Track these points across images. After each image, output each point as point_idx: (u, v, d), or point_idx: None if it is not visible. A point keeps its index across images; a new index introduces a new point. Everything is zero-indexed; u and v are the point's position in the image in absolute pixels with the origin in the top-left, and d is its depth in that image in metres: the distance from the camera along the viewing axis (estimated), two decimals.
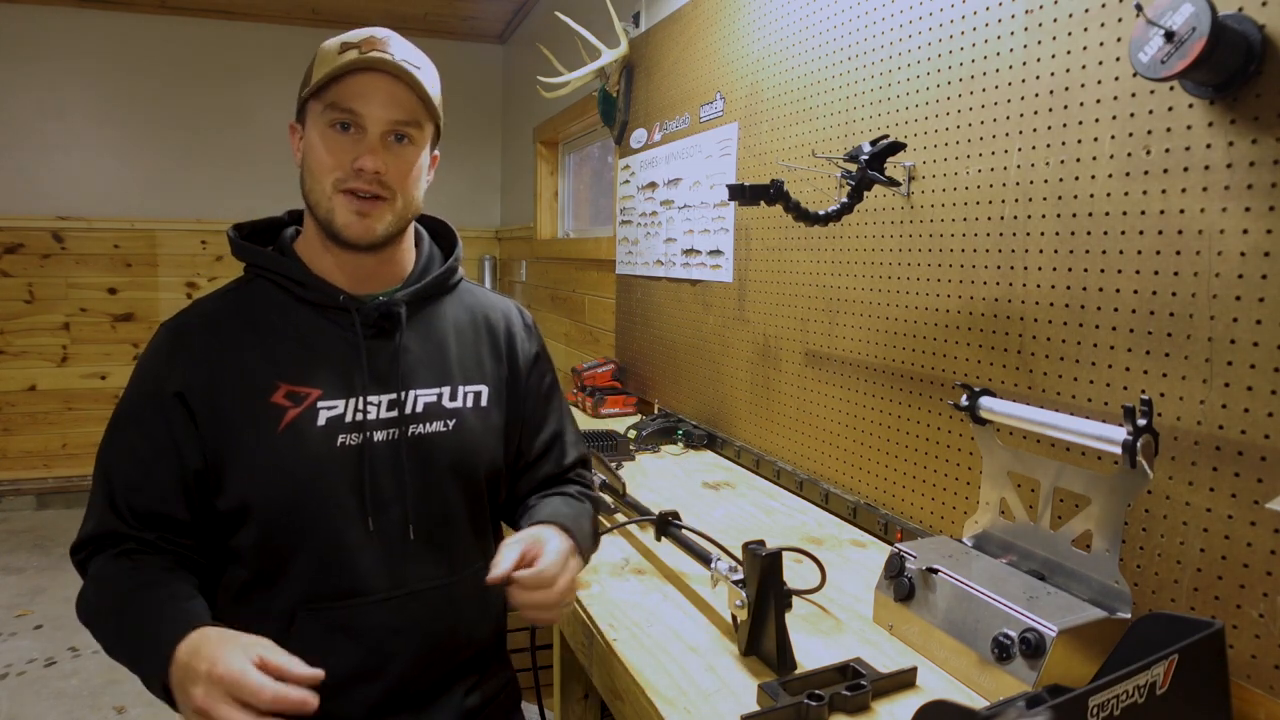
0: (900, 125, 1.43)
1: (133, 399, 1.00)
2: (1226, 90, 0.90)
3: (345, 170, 0.97)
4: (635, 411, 2.63)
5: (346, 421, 0.99)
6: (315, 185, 0.99)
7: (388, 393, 1.02)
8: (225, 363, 0.98)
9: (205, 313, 1.03)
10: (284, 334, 1.01)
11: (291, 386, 0.98)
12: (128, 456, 0.98)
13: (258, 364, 0.99)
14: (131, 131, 4.53)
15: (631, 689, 1.00)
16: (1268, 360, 0.88)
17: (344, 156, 0.97)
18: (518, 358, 1.17)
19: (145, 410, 0.98)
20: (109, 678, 2.77)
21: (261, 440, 0.96)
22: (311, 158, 0.99)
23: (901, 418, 1.45)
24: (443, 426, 1.06)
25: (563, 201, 4.18)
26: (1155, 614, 0.78)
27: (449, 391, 1.07)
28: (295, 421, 0.97)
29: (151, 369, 1.00)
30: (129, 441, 0.99)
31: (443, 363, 1.08)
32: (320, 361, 1.00)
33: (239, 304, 1.03)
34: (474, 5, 4.39)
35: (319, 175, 0.98)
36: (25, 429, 4.55)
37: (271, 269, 1.03)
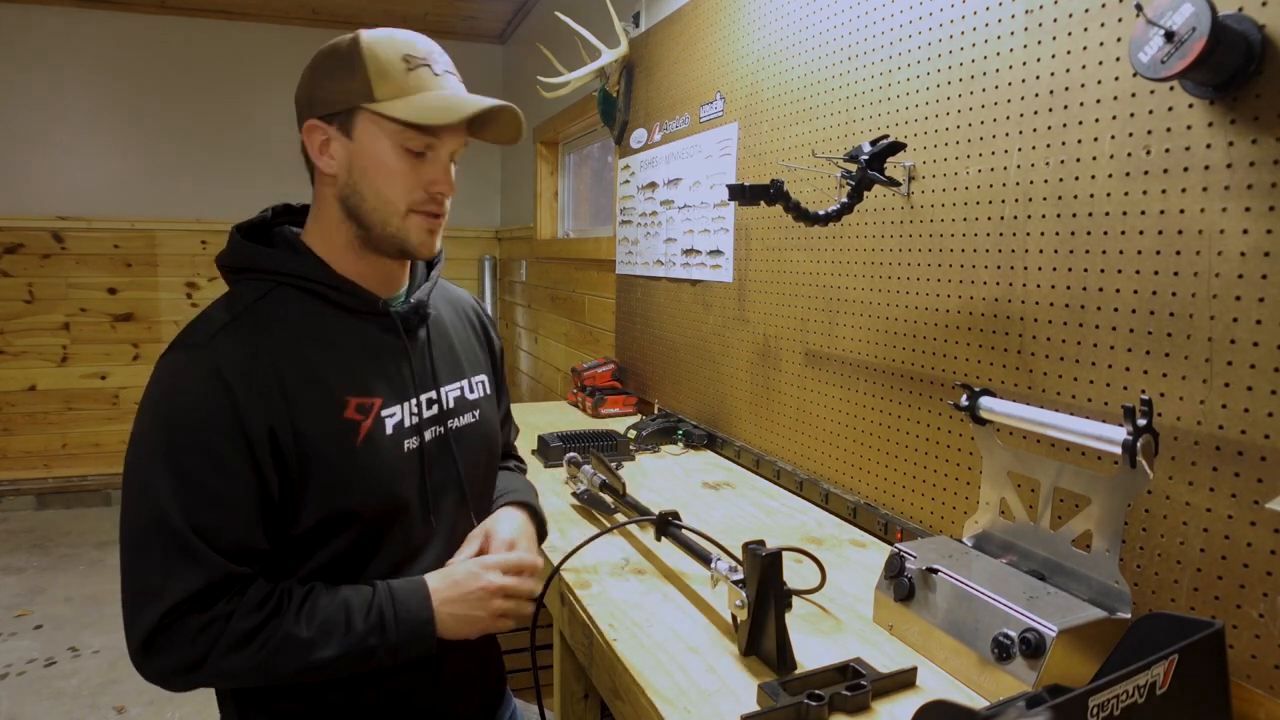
0: (900, 125, 1.43)
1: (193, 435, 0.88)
2: (1226, 90, 0.90)
3: (419, 193, 0.96)
4: (635, 411, 2.63)
5: (406, 426, 1.01)
6: (383, 204, 0.96)
7: (428, 392, 1.05)
8: (295, 384, 0.92)
9: (251, 331, 0.93)
10: (334, 344, 0.97)
11: (358, 399, 0.96)
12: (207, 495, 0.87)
13: (324, 380, 0.94)
14: (131, 131, 4.54)
15: (631, 689, 1.00)
16: (1268, 360, 0.88)
17: (419, 179, 0.96)
18: (494, 345, 1.24)
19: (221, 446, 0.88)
20: (109, 677, 2.77)
21: (345, 458, 0.94)
22: (379, 175, 0.95)
23: (901, 418, 1.45)
24: (471, 418, 1.11)
25: (563, 201, 4.18)
26: (1155, 614, 0.78)
27: (467, 384, 1.12)
28: (370, 434, 0.96)
29: (212, 402, 0.88)
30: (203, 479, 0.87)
31: (456, 357, 1.12)
32: (371, 368, 0.99)
33: (277, 317, 0.95)
34: (474, 5, 4.39)
35: (391, 195, 0.96)
36: (25, 429, 4.55)
37: (299, 274, 0.97)
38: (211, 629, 0.87)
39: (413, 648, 0.94)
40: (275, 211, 1.07)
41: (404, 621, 0.93)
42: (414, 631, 0.94)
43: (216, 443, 0.88)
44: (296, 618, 0.90)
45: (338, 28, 4.73)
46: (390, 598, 0.94)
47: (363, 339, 1.00)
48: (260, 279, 0.98)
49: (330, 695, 0.99)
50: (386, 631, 0.92)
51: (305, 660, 0.89)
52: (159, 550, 0.86)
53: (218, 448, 0.88)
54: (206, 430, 0.88)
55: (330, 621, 0.91)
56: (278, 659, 0.88)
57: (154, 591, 0.86)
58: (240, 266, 0.99)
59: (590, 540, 1.22)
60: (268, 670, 0.89)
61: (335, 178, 0.97)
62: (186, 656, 0.87)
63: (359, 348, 0.99)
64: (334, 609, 0.91)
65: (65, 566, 3.73)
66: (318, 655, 0.89)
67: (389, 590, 0.95)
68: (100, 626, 3.14)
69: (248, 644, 0.87)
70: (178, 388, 0.89)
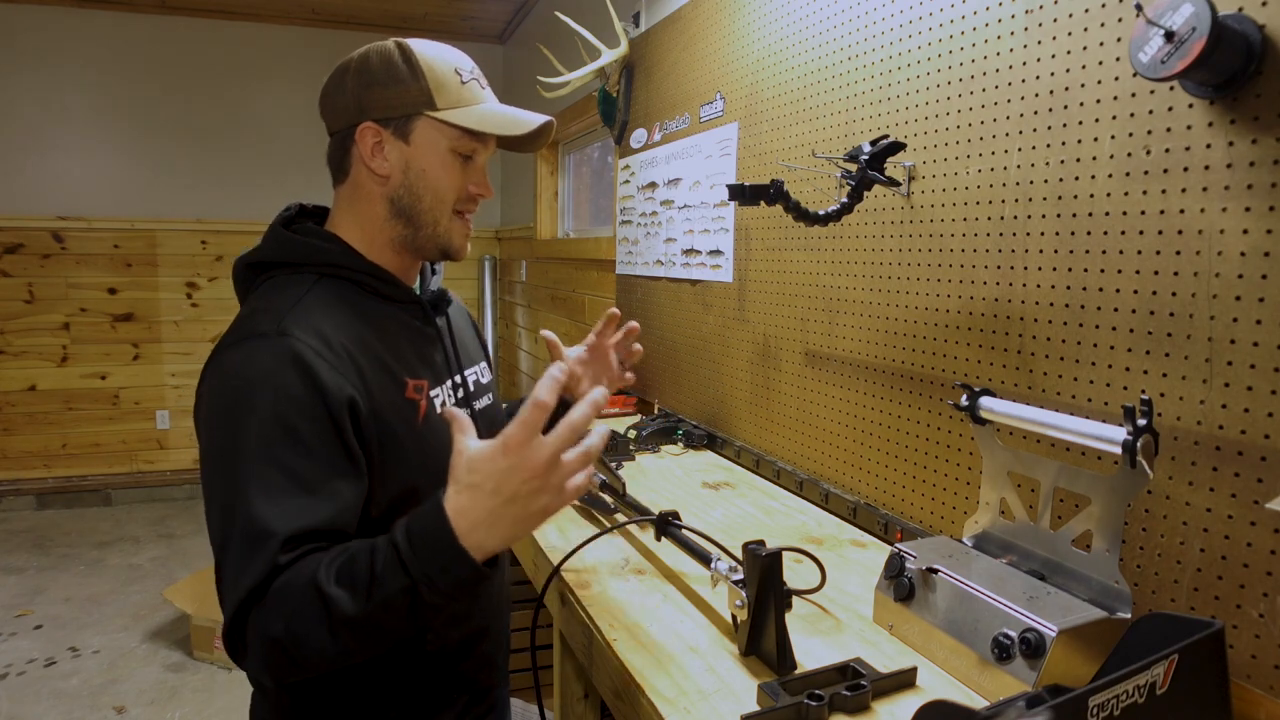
0: (900, 125, 1.43)
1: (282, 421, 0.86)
2: (1226, 90, 0.90)
3: (463, 194, 1.05)
4: (635, 411, 2.63)
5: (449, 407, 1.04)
6: (436, 204, 1.03)
7: (455, 375, 1.13)
8: (365, 363, 0.95)
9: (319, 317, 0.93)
10: (385, 330, 1.03)
11: (414, 380, 1.02)
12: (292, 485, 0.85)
13: (385, 361, 0.99)
14: (131, 131, 4.54)
15: (631, 689, 1.00)
16: (1268, 360, 0.88)
17: (464, 181, 1.04)
18: (482, 336, 1.32)
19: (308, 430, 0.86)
20: (109, 677, 2.77)
21: (410, 436, 0.98)
22: (432, 177, 1.02)
23: (901, 418, 1.45)
24: (489, 400, 1.20)
25: (563, 201, 4.18)
26: (1155, 614, 0.78)
27: (479, 370, 1.21)
28: (427, 413, 1.02)
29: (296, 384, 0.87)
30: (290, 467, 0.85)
31: (468, 345, 1.21)
32: (415, 352, 1.05)
33: (333, 304, 0.97)
34: (474, 5, 4.39)
35: (442, 196, 1.03)
36: (25, 429, 4.55)
37: (349, 266, 1.02)
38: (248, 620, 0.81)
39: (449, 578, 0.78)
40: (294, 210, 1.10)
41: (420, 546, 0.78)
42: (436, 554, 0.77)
43: (300, 425, 0.86)
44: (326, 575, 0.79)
45: (338, 28, 4.73)
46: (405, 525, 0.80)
47: (404, 325, 1.06)
48: (300, 272, 1.00)
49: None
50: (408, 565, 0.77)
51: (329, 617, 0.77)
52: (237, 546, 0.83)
53: (301, 430, 0.86)
54: (293, 414, 0.86)
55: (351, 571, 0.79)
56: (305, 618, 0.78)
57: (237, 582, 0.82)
58: (277, 262, 1.01)
59: (590, 540, 1.22)
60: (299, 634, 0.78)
61: (387, 179, 1.02)
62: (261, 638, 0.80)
63: (404, 333, 1.05)
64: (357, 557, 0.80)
65: (65, 566, 3.73)
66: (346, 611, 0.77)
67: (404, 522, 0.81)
68: (100, 626, 3.14)
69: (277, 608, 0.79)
70: (261, 377, 0.87)
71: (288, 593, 0.80)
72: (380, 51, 1.01)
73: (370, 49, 1.01)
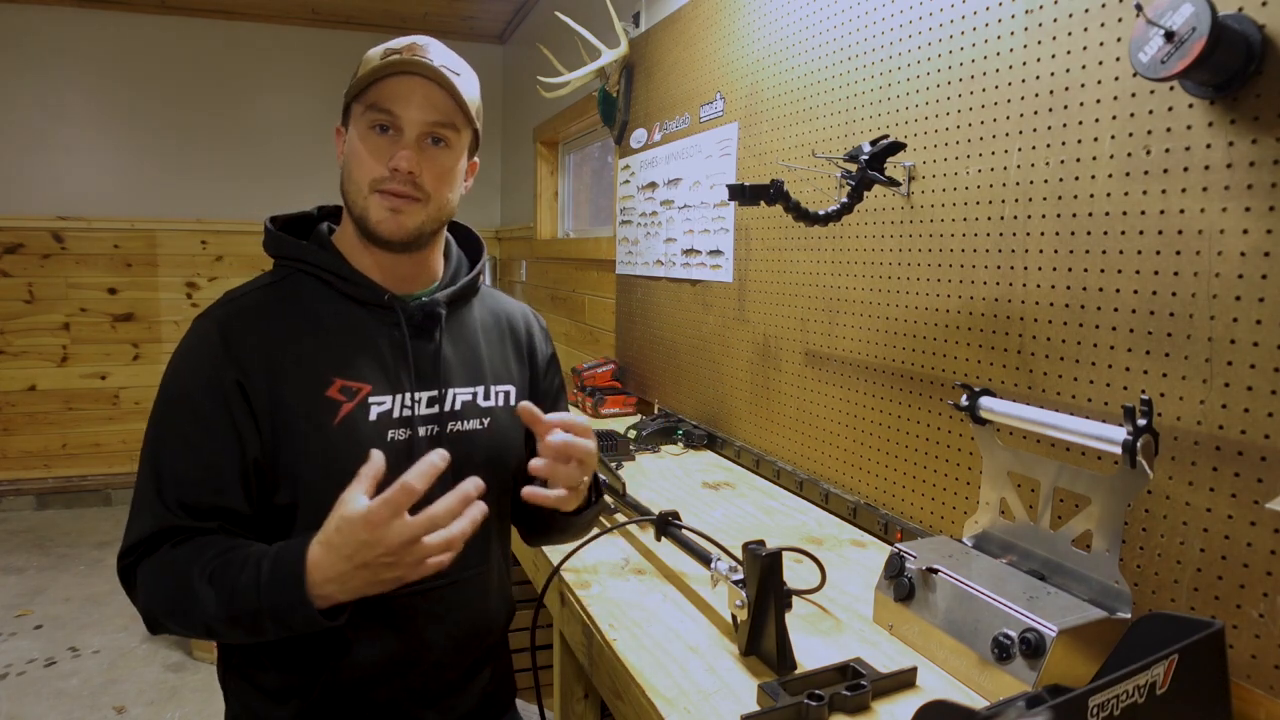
0: (900, 125, 1.43)
1: (182, 390, 0.96)
2: (1226, 90, 0.90)
3: (382, 170, 0.99)
4: (635, 411, 2.63)
5: (394, 417, 1.02)
6: (352, 184, 1.01)
7: (429, 390, 1.06)
8: (282, 354, 0.98)
9: (253, 304, 1.01)
10: (332, 327, 1.02)
11: (344, 381, 1.00)
12: (183, 449, 0.94)
13: (312, 356, 0.99)
14: (131, 131, 4.54)
15: (631, 689, 1.00)
16: (1268, 360, 0.88)
17: (381, 157, 0.99)
18: (538, 359, 1.22)
19: (201, 400, 0.95)
20: (109, 677, 2.77)
21: (318, 433, 0.97)
22: (351, 158, 1.01)
23: (901, 418, 1.45)
24: (479, 425, 1.10)
25: (563, 201, 4.18)
26: (1155, 614, 0.78)
27: (483, 391, 1.12)
28: (350, 415, 0.99)
29: (202, 359, 0.96)
30: (183, 434, 0.95)
31: (476, 363, 1.12)
32: (367, 357, 1.03)
33: (284, 296, 1.03)
34: (474, 5, 4.39)
35: (357, 175, 1.00)
36: (25, 429, 4.55)
37: (314, 263, 1.03)
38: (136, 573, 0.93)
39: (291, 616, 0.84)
40: (322, 211, 1.14)
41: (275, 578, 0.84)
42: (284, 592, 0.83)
43: (199, 397, 0.95)
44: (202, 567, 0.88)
45: (338, 28, 4.73)
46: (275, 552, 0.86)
47: (368, 329, 1.04)
48: (283, 265, 1.06)
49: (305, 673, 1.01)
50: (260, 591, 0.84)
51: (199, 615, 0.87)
52: (137, 497, 0.95)
53: (199, 401, 0.95)
54: (190, 385, 0.96)
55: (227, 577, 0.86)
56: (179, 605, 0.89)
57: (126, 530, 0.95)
58: (271, 253, 1.08)
59: (590, 540, 1.22)
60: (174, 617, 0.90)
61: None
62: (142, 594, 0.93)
63: (363, 337, 1.03)
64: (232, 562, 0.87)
65: (65, 566, 3.73)
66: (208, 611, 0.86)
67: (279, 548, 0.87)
68: (100, 626, 3.14)
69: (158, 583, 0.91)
70: (180, 348, 0.99)
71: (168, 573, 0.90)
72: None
73: None
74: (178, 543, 0.92)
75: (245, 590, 0.85)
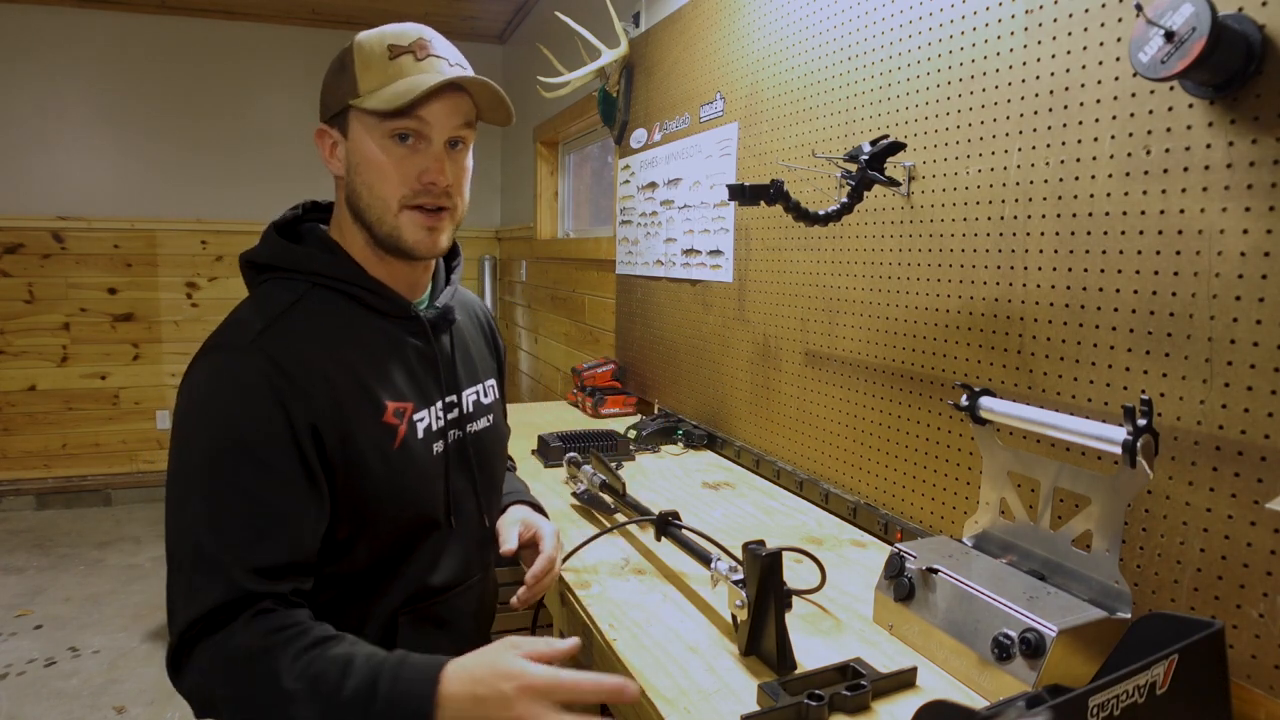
0: (900, 125, 1.43)
1: (239, 438, 0.84)
2: (1226, 90, 0.90)
3: (411, 185, 0.93)
4: (635, 411, 2.62)
5: (433, 430, 1.01)
6: (376, 201, 0.94)
7: (450, 396, 1.06)
8: (340, 383, 0.91)
9: (296, 330, 0.91)
10: (371, 348, 0.96)
11: (395, 403, 0.96)
12: (252, 506, 0.83)
13: (366, 383, 0.93)
14: (131, 131, 4.54)
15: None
16: (1268, 360, 0.88)
17: (409, 170, 0.93)
18: (499, 349, 1.26)
19: (268, 448, 0.84)
20: (109, 677, 2.77)
21: (384, 461, 0.93)
22: (369, 171, 0.93)
23: (901, 418, 1.45)
24: (486, 422, 1.13)
25: (563, 201, 4.18)
26: (1155, 614, 0.78)
27: (482, 389, 1.14)
28: (406, 438, 0.96)
29: (260, 400, 0.85)
30: (247, 488, 0.83)
31: (472, 362, 1.13)
32: (402, 372, 0.99)
33: (315, 315, 0.94)
34: (474, 5, 4.39)
35: (382, 191, 0.93)
36: (25, 429, 4.55)
37: (341, 278, 0.96)
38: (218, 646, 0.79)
39: None
40: (305, 208, 1.07)
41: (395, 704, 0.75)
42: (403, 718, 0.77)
43: (266, 444, 0.84)
44: (295, 659, 0.77)
45: (338, 28, 4.73)
46: (395, 672, 0.77)
47: (395, 343, 1.00)
48: (293, 279, 0.96)
49: None
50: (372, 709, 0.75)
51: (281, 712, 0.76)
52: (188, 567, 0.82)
53: (266, 457, 0.84)
54: (251, 432, 0.84)
55: (323, 676, 0.77)
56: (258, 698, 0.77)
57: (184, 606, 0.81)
58: (272, 265, 0.97)
59: (590, 540, 1.23)
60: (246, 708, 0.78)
61: (342, 179, 0.98)
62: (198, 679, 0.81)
63: (392, 352, 0.99)
64: (336, 662, 0.78)
65: (65, 566, 3.73)
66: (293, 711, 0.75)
67: (400, 663, 0.79)
68: (100, 626, 3.14)
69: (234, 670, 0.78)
70: (223, 393, 0.85)
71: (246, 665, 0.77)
72: (343, 47, 0.96)
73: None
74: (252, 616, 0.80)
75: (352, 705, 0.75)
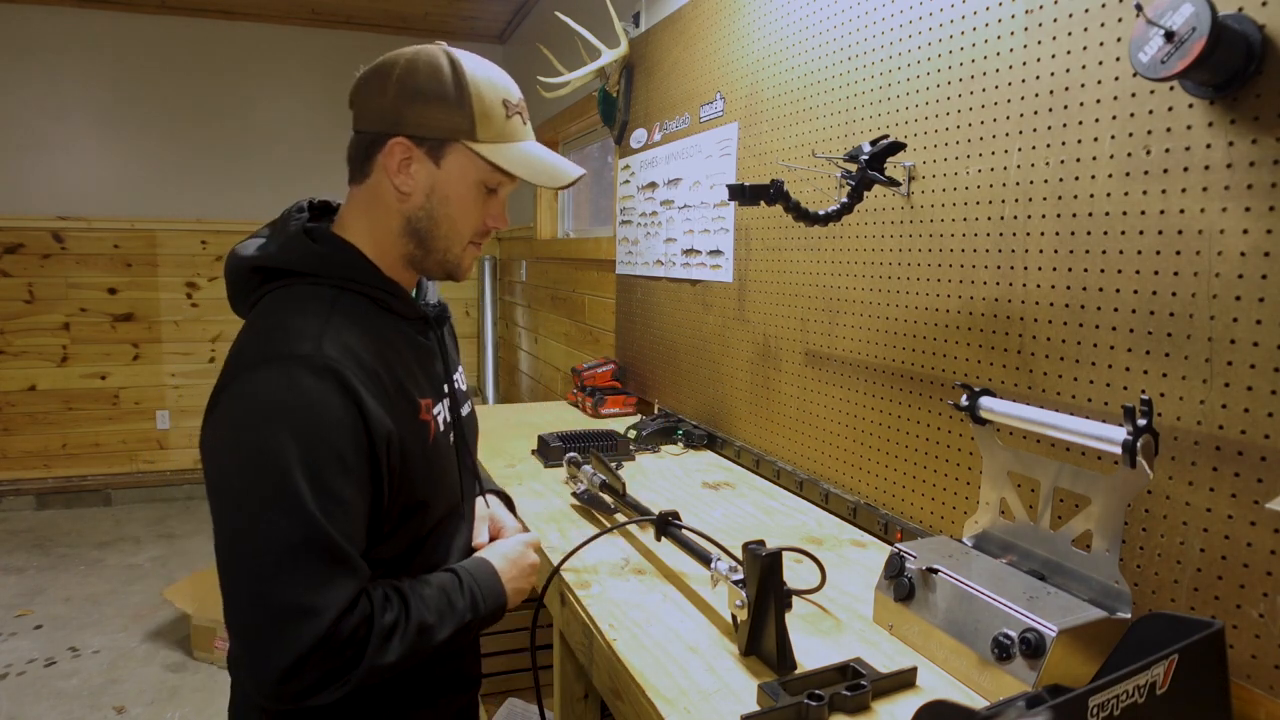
0: (900, 125, 1.43)
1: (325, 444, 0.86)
2: (1226, 90, 0.90)
3: (481, 227, 1.04)
4: (635, 411, 2.62)
5: (448, 422, 1.07)
6: (454, 232, 1.01)
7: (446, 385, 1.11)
8: (390, 389, 0.94)
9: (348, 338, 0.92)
10: (398, 349, 0.99)
11: (423, 400, 1.01)
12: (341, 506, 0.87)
13: (403, 383, 0.97)
14: (131, 131, 4.54)
15: (631, 689, 1.00)
16: (1268, 360, 0.88)
17: (483, 214, 1.03)
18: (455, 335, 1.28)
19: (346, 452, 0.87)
20: (109, 677, 2.77)
21: (424, 458, 0.99)
22: (456, 206, 1.00)
23: (901, 418, 1.45)
24: (469, 406, 1.18)
25: (563, 201, 4.18)
26: (1155, 614, 0.78)
27: (460, 374, 1.18)
28: (436, 433, 1.02)
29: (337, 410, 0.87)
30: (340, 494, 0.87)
31: (450, 350, 1.17)
32: (418, 369, 1.03)
33: (359, 323, 0.95)
34: (474, 5, 4.39)
35: (463, 226, 1.01)
36: (25, 429, 4.55)
37: (368, 282, 0.99)
38: (359, 631, 0.87)
39: (492, 619, 1.04)
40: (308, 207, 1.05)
41: (488, 598, 1.03)
42: (495, 602, 1.04)
43: (346, 450, 0.87)
44: (423, 606, 0.95)
45: (338, 28, 4.73)
46: (473, 580, 1.03)
47: (410, 341, 1.04)
48: (319, 284, 0.96)
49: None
50: (478, 607, 1.01)
51: (433, 641, 0.95)
52: (314, 564, 0.84)
53: (347, 455, 0.87)
54: (339, 439, 0.87)
55: (442, 606, 0.98)
56: (417, 644, 0.93)
57: (310, 609, 0.83)
58: (290, 270, 0.97)
59: (590, 540, 1.22)
60: (409, 657, 0.92)
61: (408, 196, 0.98)
62: (342, 664, 0.86)
63: (409, 350, 1.03)
64: (439, 595, 0.98)
65: (65, 566, 3.73)
66: (440, 636, 0.95)
67: (470, 574, 1.03)
68: (100, 626, 3.14)
69: (391, 638, 0.90)
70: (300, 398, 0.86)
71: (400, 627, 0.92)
72: (430, 62, 0.95)
73: (420, 54, 0.96)
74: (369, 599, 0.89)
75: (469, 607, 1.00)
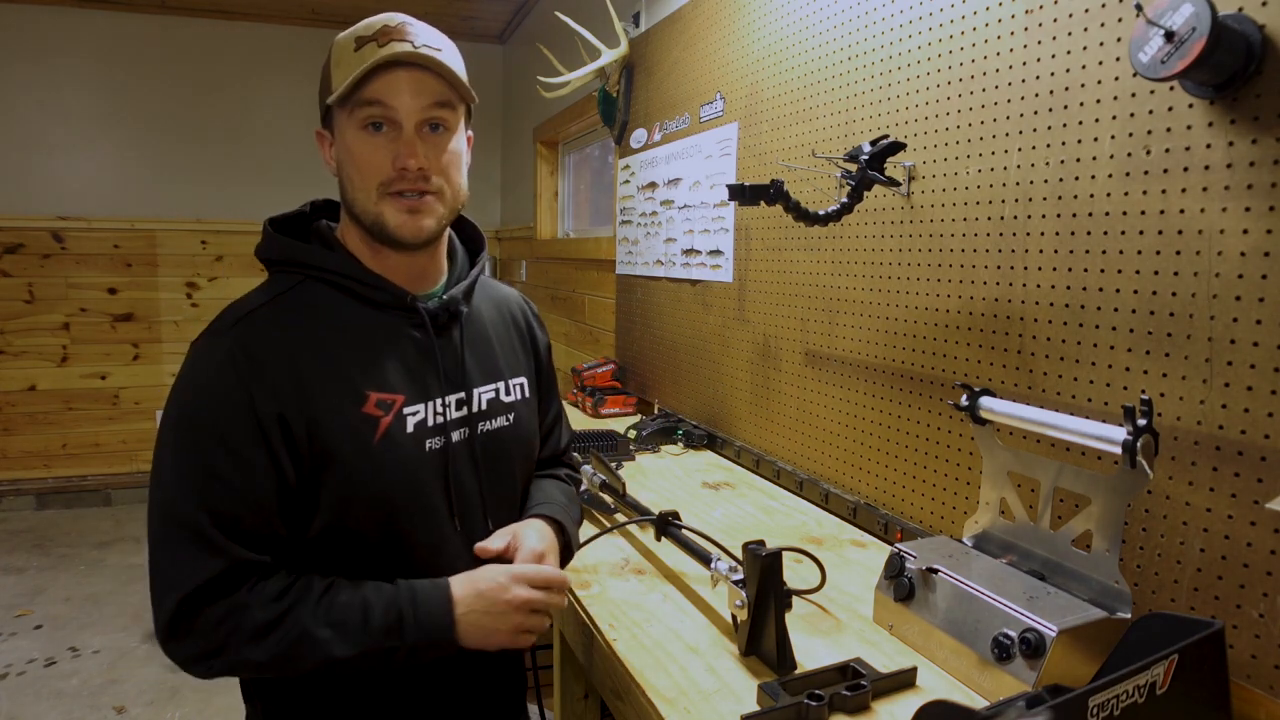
0: (900, 125, 1.43)
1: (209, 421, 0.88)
2: (1226, 90, 0.90)
3: (387, 172, 0.94)
4: (635, 411, 2.62)
5: (429, 425, 0.99)
6: (358, 192, 0.95)
7: (456, 392, 1.03)
8: (313, 374, 0.92)
9: (271, 320, 0.93)
10: (357, 338, 0.96)
11: (379, 394, 0.95)
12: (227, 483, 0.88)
13: (345, 373, 0.94)
14: (131, 131, 4.54)
15: (631, 689, 1.00)
16: (1268, 360, 0.88)
17: (384, 158, 0.93)
18: (539, 347, 1.20)
19: (234, 433, 0.88)
20: (109, 677, 2.77)
21: (360, 453, 0.93)
22: (349, 163, 0.95)
23: (901, 418, 1.45)
24: (505, 421, 1.09)
25: (563, 201, 4.18)
26: (1155, 614, 0.78)
27: (503, 387, 1.10)
28: (389, 430, 0.95)
29: (229, 388, 0.89)
30: (219, 468, 0.88)
31: (492, 358, 1.10)
32: (395, 364, 0.98)
33: (299, 307, 0.95)
34: (474, 5, 4.39)
35: (361, 182, 0.95)
36: (25, 429, 4.55)
37: (330, 268, 0.97)
38: (230, 619, 0.86)
39: (430, 651, 0.92)
40: (315, 206, 1.07)
41: (422, 624, 0.91)
42: (432, 635, 0.91)
43: (229, 428, 0.88)
44: (314, 613, 0.88)
45: (338, 27, 4.69)
46: (411, 599, 0.92)
47: (390, 335, 0.99)
48: (290, 272, 0.99)
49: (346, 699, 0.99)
50: (405, 633, 0.90)
51: (321, 656, 0.87)
52: (176, 538, 0.87)
53: (230, 433, 0.88)
54: (219, 416, 0.88)
55: (347, 620, 0.89)
56: (294, 653, 0.87)
57: (172, 580, 0.86)
58: (272, 260, 1.00)
59: (590, 540, 1.23)
60: (284, 664, 0.87)
61: (336, 177, 0.99)
62: (205, 645, 0.87)
63: (385, 343, 0.98)
64: (352, 607, 0.89)
65: (65, 566, 3.73)
66: (334, 653, 0.87)
67: (411, 591, 0.92)
68: (100, 626, 3.14)
69: (265, 637, 0.86)
70: (195, 374, 0.91)
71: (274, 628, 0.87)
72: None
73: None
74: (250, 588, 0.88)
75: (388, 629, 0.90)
